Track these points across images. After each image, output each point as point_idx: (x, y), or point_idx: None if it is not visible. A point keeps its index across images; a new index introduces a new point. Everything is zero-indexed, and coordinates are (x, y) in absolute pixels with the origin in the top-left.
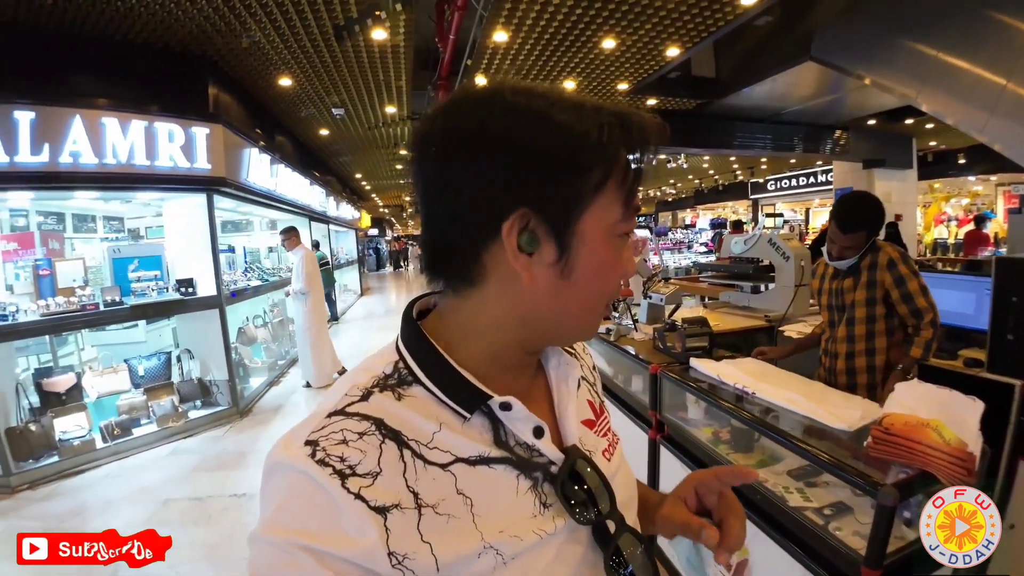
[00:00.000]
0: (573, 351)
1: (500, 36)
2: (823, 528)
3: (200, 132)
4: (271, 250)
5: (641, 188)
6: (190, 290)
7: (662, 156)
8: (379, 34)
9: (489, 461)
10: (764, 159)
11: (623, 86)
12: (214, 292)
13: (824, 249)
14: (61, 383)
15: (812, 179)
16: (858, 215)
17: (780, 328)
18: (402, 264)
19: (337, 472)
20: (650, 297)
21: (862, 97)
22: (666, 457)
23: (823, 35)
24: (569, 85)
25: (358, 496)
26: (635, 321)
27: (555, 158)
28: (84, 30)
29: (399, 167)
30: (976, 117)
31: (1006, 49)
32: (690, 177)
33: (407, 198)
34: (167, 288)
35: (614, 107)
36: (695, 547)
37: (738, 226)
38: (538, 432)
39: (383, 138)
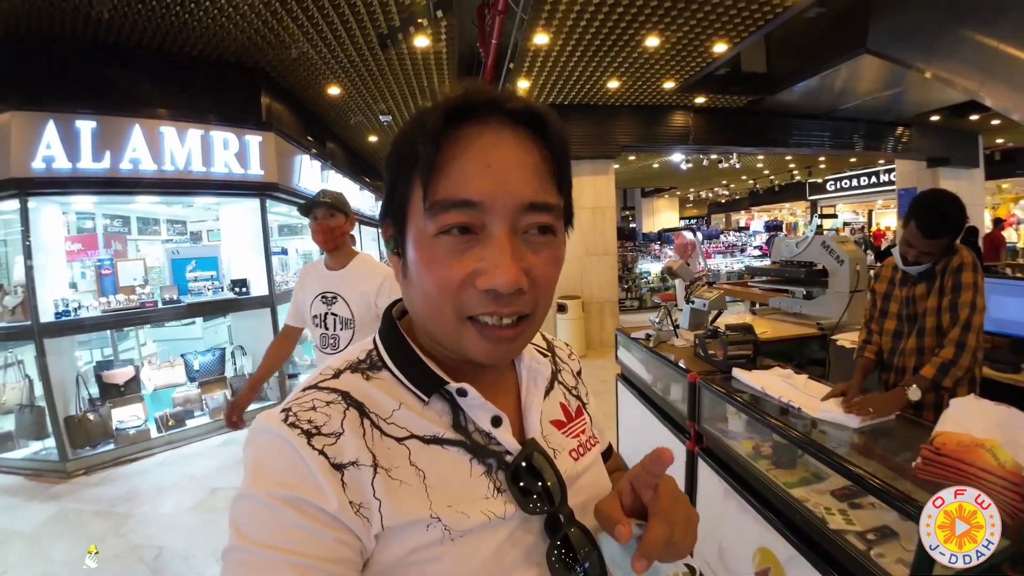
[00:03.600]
0: (551, 353)
1: (541, 39)
2: (865, 554)
3: (253, 140)
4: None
5: (681, 190)
6: (243, 290)
7: (713, 156)
8: (421, 41)
9: (443, 442)
10: (822, 158)
11: (669, 84)
12: (266, 292)
13: (896, 252)
14: (120, 375)
15: (874, 179)
16: (947, 218)
17: (833, 337)
18: None
19: (304, 432)
20: (692, 302)
21: (924, 92)
22: (704, 471)
23: (879, 26)
24: (613, 85)
25: (321, 452)
26: (676, 327)
27: (389, 168)
28: (142, 43)
29: None
30: None
31: None
32: (743, 178)
33: None
34: (222, 288)
35: (436, 103)
36: (623, 547)
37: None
38: (496, 421)
39: None
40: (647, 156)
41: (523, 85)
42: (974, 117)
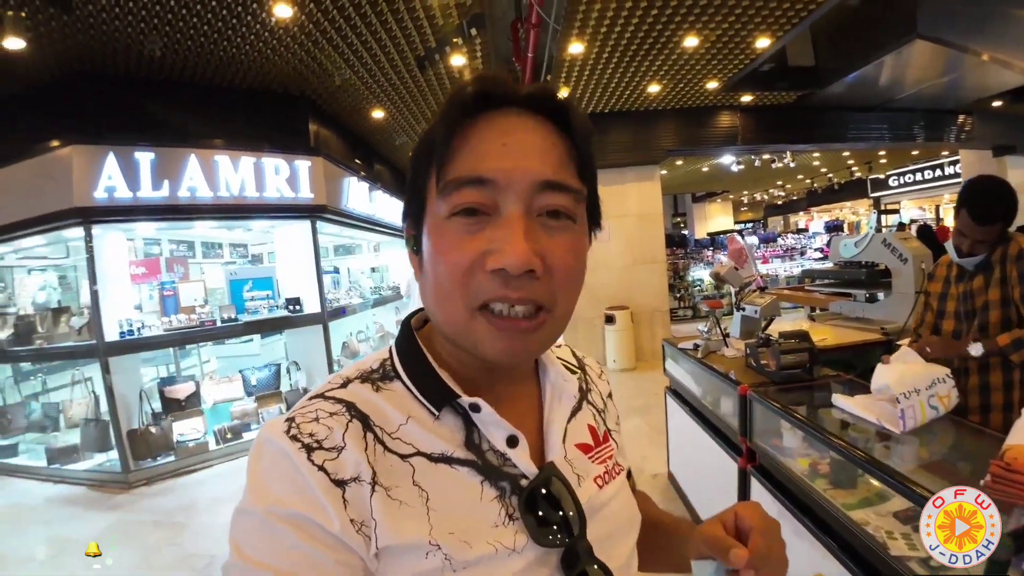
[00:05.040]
0: (582, 371)
1: (576, 48)
2: None
3: (303, 165)
4: (374, 270)
5: (734, 193)
6: (297, 308)
7: (765, 156)
8: (458, 60)
9: (452, 461)
10: (882, 152)
11: (712, 84)
12: (318, 309)
13: (950, 246)
14: (181, 390)
15: (938, 171)
16: (998, 203)
17: (898, 342)
18: None
19: (305, 446)
20: (743, 309)
21: (982, 76)
22: (757, 490)
23: (928, 9)
24: (653, 89)
25: (321, 468)
26: (726, 336)
27: (411, 169)
28: (193, 77)
29: None
30: None
31: None
32: (799, 177)
33: None
34: (277, 306)
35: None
36: (717, 569)
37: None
38: (511, 441)
39: None
40: (695, 160)
41: (562, 95)
42: None
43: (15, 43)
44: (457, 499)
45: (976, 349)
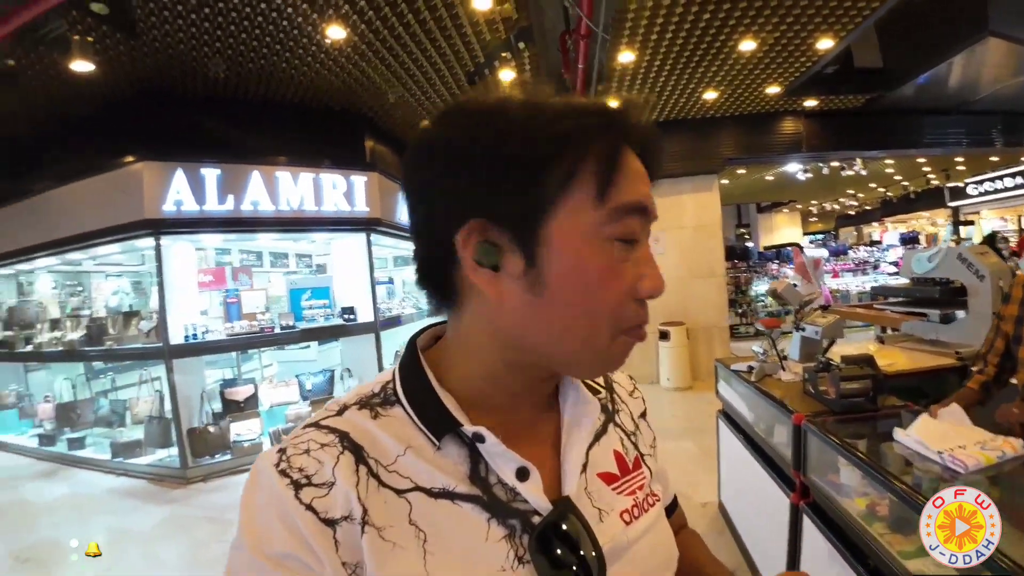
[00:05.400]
0: (608, 391)
1: (627, 56)
2: None
3: (359, 180)
4: None
5: (802, 203)
6: (351, 317)
7: (833, 163)
8: (507, 74)
9: (454, 496)
10: (959, 158)
11: (774, 89)
12: (371, 319)
13: None
14: (240, 392)
15: (1021, 179)
16: None
17: (974, 368)
18: None
19: (293, 483)
20: (803, 329)
21: None
22: (809, 530)
23: (999, 4)
24: (710, 96)
25: (309, 507)
26: (783, 358)
27: (505, 157)
28: (256, 96)
29: None
30: None
31: None
32: (872, 185)
33: None
34: (332, 315)
35: (588, 101)
36: None
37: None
38: (522, 474)
39: None
40: (758, 168)
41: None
42: None
43: (84, 66)
44: (459, 539)
45: None
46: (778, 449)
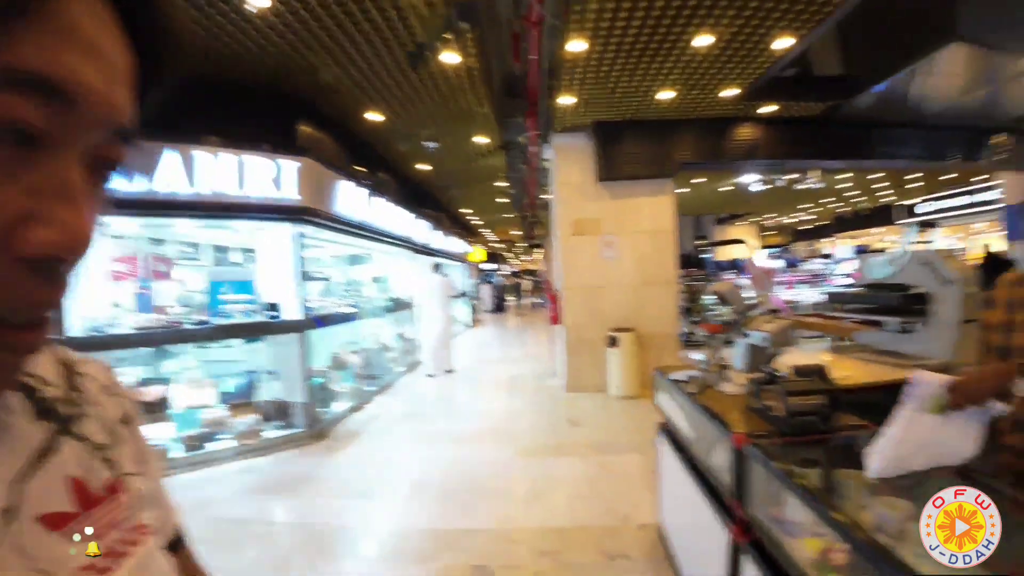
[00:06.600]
0: (67, 386)
1: (578, 45)
2: None
3: (288, 165)
4: (376, 280)
5: (757, 216)
6: (274, 314)
7: (788, 176)
8: (451, 57)
9: None
10: (914, 175)
11: (732, 92)
12: (298, 316)
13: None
14: (151, 393)
15: (969, 198)
16: None
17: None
18: (505, 303)
19: None
20: (748, 335)
21: (1021, 90)
22: (751, 574)
23: (968, 8)
24: (666, 96)
25: None
26: (722, 367)
27: None
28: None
29: (501, 200)
30: None
31: None
32: (821, 200)
33: (514, 232)
34: (255, 311)
35: None
36: None
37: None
38: None
39: (482, 171)
40: (714, 178)
41: (569, 101)
42: None
43: None
44: None
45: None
46: (718, 474)
